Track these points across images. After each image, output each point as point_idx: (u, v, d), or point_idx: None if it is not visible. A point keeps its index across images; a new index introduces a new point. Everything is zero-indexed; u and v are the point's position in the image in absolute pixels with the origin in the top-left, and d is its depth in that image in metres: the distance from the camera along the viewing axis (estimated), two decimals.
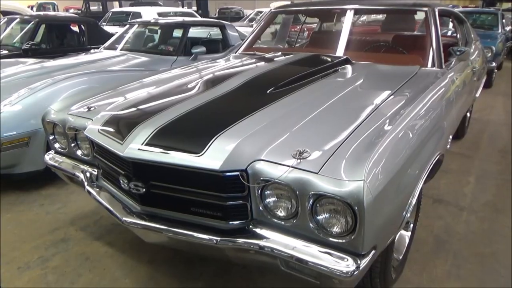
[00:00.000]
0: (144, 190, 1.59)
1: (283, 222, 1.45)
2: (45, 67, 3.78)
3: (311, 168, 1.34)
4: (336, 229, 1.35)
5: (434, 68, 2.49)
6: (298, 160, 1.38)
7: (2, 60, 4.21)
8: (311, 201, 1.34)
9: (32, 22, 5.42)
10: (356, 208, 1.25)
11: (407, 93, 1.98)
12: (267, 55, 2.94)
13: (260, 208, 1.47)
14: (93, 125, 1.86)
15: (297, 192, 1.35)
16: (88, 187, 1.92)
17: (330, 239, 1.36)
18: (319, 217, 1.36)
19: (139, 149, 1.56)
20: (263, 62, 2.70)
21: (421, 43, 2.80)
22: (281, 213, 1.45)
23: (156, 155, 1.52)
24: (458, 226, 2.63)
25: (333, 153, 1.39)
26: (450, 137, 2.31)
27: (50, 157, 2.25)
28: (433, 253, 2.34)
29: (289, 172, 1.36)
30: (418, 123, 1.75)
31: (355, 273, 1.29)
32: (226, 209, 1.51)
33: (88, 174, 2.00)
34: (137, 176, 1.60)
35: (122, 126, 1.75)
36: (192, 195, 1.55)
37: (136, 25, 5.20)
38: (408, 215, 1.61)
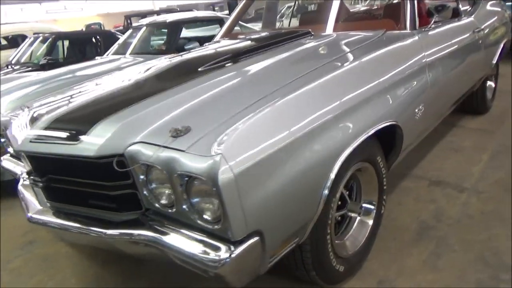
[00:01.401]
0: (42, 184, 1.52)
1: (168, 210, 1.29)
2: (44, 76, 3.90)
3: (181, 146, 1.18)
4: (209, 214, 1.17)
5: (402, 31, 2.18)
6: (172, 139, 1.22)
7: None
8: (182, 183, 1.17)
9: (49, 39, 5.71)
10: (214, 187, 1.06)
11: (346, 59, 1.73)
12: (238, 36, 2.77)
13: (147, 195, 1.33)
14: (15, 123, 1.83)
15: (166, 173, 1.19)
16: (20, 186, 1.89)
17: (207, 225, 1.18)
18: (192, 201, 1.19)
19: (30, 141, 1.49)
20: (224, 43, 2.55)
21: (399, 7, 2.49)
22: (164, 200, 1.30)
23: (39, 146, 1.45)
24: (452, 210, 2.28)
25: (212, 130, 1.21)
26: (421, 106, 1.98)
27: (4, 162, 2.27)
28: (413, 241, 2.03)
29: (162, 152, 1.21)
30: (341, 88, 1.51)
31: (226, 262, 1.10)
32: (116, 199, 1.39)
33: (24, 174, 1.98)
34: (34, 169, 1.53)
35: (34, 120, 1.69)
36: (84, 187, 1.44)
37: (144, 28, 5.28)
38: (326, 191, 1.37)
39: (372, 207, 1.87)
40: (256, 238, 1.16)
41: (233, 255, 1.11)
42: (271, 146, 1.19)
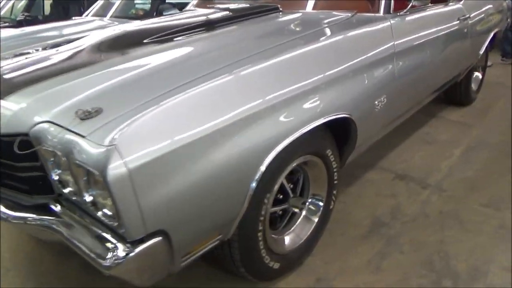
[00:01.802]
0: None
1: (73, 198, 1.19)
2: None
3: (83, 130, 1.05)
4: (109, 209, 1.06)
5: (375, 14, 2.02)
6: (79, 121, 1.10)
7: None
8: (82, 173, 1.06)
9: None
10: (105, 182, 0.95)
11: (301, 42, 1.58)
12: (207, 6, 2.61)
13: (54, 179, 1.21)
14: None
15: (66, 160, 1.07)
16: None
17: (107, 221, 1.08)
18: (93, 193, 1.08)
19: None
20: (190, 13, 2.39)
21: None
22: (70, 187, 1.19)
23: None
24: (410, 207, 2.19)
25: (123, 114, 1.08)
26: (383, 98, 1.85)
27: None
28: (362, 238, 1.95)
29: (64, 135, 1.09)
30: (286, 75, 1.38)
31: (121, 263, 1.01)
32: (27, 181, 1.28)
33: None
34: None
35: None
36: None
37: None
38: (254, 185, 1.26)
39: (320, 203, 1.77)
40: (158, 239, 1.06)
41: (130, 255, 1.01)
42: (185, 138, 1.06)
